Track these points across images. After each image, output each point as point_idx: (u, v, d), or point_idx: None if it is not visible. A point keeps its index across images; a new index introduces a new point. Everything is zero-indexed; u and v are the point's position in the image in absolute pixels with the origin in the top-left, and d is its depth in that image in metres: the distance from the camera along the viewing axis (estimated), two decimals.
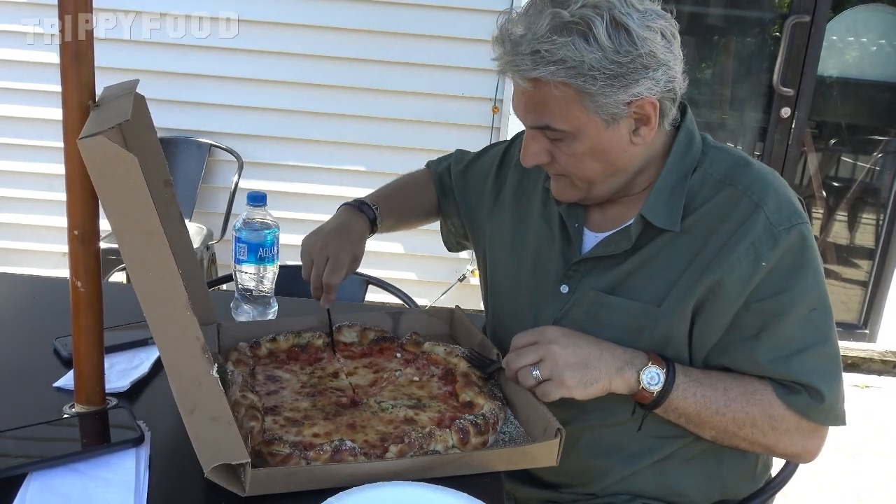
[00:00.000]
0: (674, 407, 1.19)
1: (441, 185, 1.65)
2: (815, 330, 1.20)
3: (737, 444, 1.24)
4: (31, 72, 3.55)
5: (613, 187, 1.26)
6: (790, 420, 1.20)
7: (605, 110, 1.13)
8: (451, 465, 1.07)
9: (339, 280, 1.39)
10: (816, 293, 1.20)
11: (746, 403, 1.20)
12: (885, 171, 4.17)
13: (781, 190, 1.22)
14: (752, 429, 1.20)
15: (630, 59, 1.09)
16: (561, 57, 1.08)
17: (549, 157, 1.23)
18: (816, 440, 1.24)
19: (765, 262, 1.17)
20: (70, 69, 1.04)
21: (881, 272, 4.09)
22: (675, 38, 1.16)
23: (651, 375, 1.17)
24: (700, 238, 1.20)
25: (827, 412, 1.21)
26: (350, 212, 1.52)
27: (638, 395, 1.19)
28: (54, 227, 3.64)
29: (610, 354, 1.19)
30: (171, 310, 0.95)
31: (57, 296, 1.48)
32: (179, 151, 3.67)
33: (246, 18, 3.53)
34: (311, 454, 1.03)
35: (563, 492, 1.35)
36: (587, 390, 1.16)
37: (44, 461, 1.02)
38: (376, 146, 3.74)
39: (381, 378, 1.31)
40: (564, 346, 1.17)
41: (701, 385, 1.20)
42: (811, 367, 1.19)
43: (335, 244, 1.41)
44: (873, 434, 3.47)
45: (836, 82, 4.04)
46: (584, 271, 1.29)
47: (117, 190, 0.94)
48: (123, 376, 1.29)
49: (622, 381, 1.18)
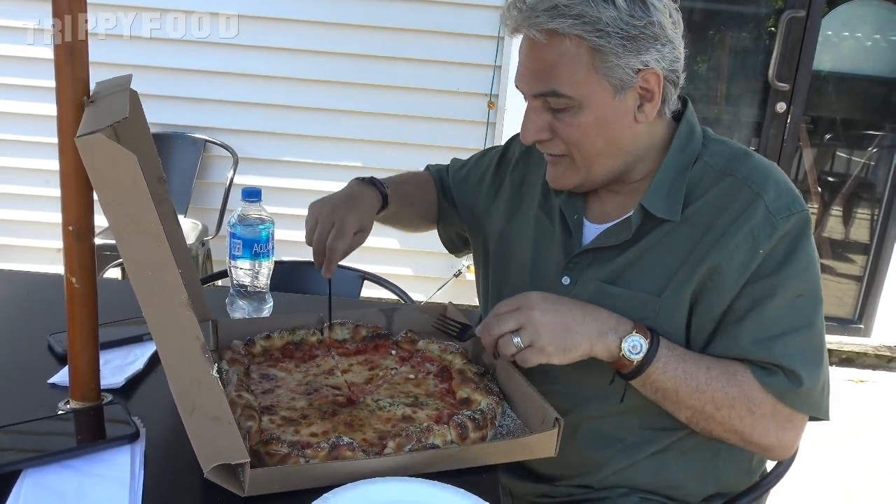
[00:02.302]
0: (653, 380, 1.18)
1: (441, 185, 1.65)
2: (799, 315, 1.19)
3: (711, 429, 1.21)
4: (24, 67, 3.54)
5: (613, 170, 1.26)
6: (766, 404, 1.18)
7: (614, 74, 1.15)
8: (450, 460, 1.07)
9: (344, 247, 1.32)
10: (807, 280, 1.19)
11: (727, 384, 1.18)
12: (880, 166, 4.18)
13: (781, 179, 1.22)
14: (730, 411, 1.18)
15: (643, 24, 1.13)
16: (579, 12, 1.12)
17: (550, 134, 1.23)
18: (791, 434, 1.21)
19: (762, 250, 1.17)
20: (64, 65, 1.03)
21: (876, 267, 4.10)
22: (681, 25, 1.20)
23: (633, 343, 1.16)
24: (700, 228, 1.21)
25: (804, 398, 1.19)
26: (362, 184, 1.48)
27: (618, 363, 1.18)
28: (49, 224, 3.63)
29: (593, 319, 1.17)
30: (170, 309, 0.94)
31: (52, 292, 1.47)
32: (174, 147, 3.66)
33: (243, 14, 3.52)
34: (308, 452, 1.02)
35: (558, 485, 1.36)
36: (567, 356, 1.16)
37: (38, 457, 1.02)
38: (372, 142, 3.74)
39: (376, 375, 1.31)
40: (545, 312, 1.16)
41: (683, 361, 1.19)
42: (791, 351, 1.17)
43: (343, 210, 1.35)
44: (868, 428, 3.49)
45: (832, 77, 4.05)
46: (586, 263, 1.30)
47: (116, 189, 0.93)
48: (118, 372, 1.29)
49: (603, 346, 1.16)
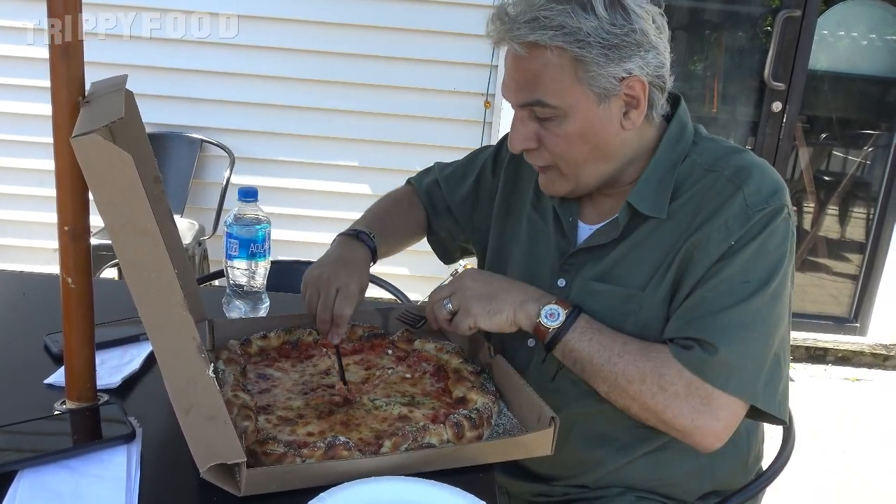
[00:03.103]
0: (570, 348, 1.20)
1: (430, 199, 1.62)
2: (733, 297, 1.14)
3: (628, 406, 1.18)
4: (19, 67, 3.53)
5: (602, 176, 1.25)
6: (680, 382, 1.13)
7: (597, 83, 1.15)
8: (446, 459, 1.07)
9: (351, 311, 1.31)
10: (758, 268, 1.16)
11: (639, 357, 1.16)
12: (876, 165, 4.19)
13: (767, 175, 1.21)
14: (641, 385, 1.15)
15: (624, 32, 1.13)
16: (559, 23, 1.12)
17: (538, 143, 1.23)
18: (709, 417, 1.13)
19: (734, 241, 1.16)
20: (59, 65, 1.03)
21: (872, 266, 4.11)
22: (665, 30, 1.19)
23: (551, 311, 1.21)
24: (683, 223, 1.21)
25: (721, 370, 1.13)
26: (349, 242, 1.45)
27: (537, 330, 1.22)
28: (45, 224, 3.62)
29: (518, 290, 1.26)
30: (166, 310, 0.94)
31: (47, 292, 1.47)
32: (171, 147, 3.65)
33: (241, 14, 3.52)
34: (305, 451, 1.02)
35: (555, 485, 1.36)
36: (492, 319, 1.23)
37: (34, 458, 1.02)
38: (368, 141, 3.74)
39: (373, 375, 1.31)
40: (475, 280, 1.28)
41: (600, 333, 1.20)
42: (711, 326, 1.14)
43: (344, 275, 1.33)
44: (863, 427, 3.49)
45: (827, 76, 4.05)
46: (579, 264, 1.30)
47: (112, 189, 0.93)
48: (114, 372, 1.29)
49: (524, 314, 1.22)
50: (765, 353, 1.16)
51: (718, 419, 1.14)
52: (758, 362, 1.15)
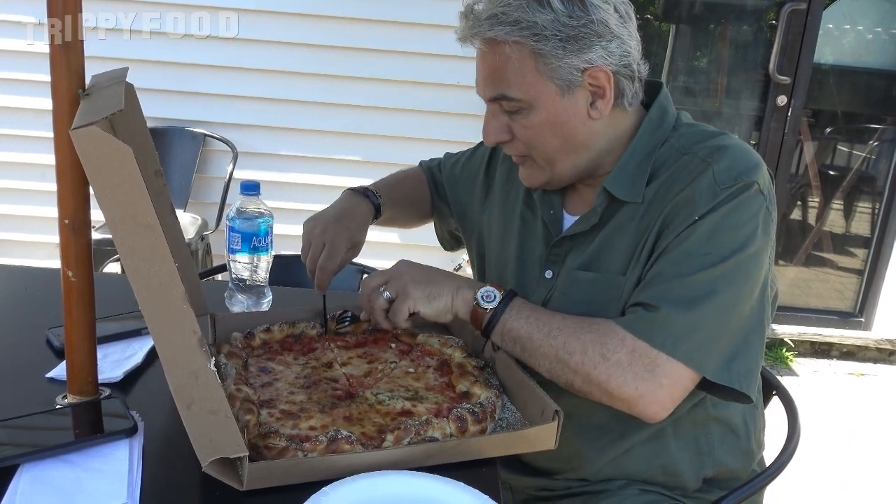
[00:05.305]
0: (508, 328, 1.20)
1: (433, 182, 1.67)
2: (689, 267, 1.13)
3: (571, 381, 1.16)
4: (19, 61, 3.52)
5: (577, 166, 1.26)
6: (623, 349, 1.12)
7: (558, 75, 1.16)
8: (449, 453, 1.07)
9: (335, 266, 1.39)
10: (721, 243, 1.13)
11: (580, 329, 1.15)
12: (881, 159, 4.17)
13: (741, 154, 1.19)
14: (583, 356, 1.13)
15: (582, 23, 1.14)
16: (515, 18, 1.14)
17: (510, 135, 1.24)
18: (652, 384, 1.11)
19: (697, 216, 1.15)
20: (59, 58, 1.03)
21: (877, 260, 4.10)
22: (631, 18, 1.20)
23: (487, 293, 1.22)
24: (658, 205, 1.21)
25: (663, 331, 1.11)
26: (353, 197, 1.52)
27: (474, 314, 1.23)
28: (46, 218, 3.62)
29: (454, 277, 1.29)
30: (167, 303, 0.94)
31: (49, 286, 1.47)
32: (173, 141, 3.65)
33: (242, 8, 3.51)
34: (307, 445, 1.02)
35: (557, 479, 1.36)
36: (431, 304, 1.24)
37: (36, 452, 1.02)
38: (371, 135, 3.73)
39: (375, 369, 1.31)
40: (411, 267, 1.29)
41: (537, 311, 1.21)
42: (658, 291, 1.14)
43: (334, 229, 1.41)
44: (869, 422, 3.49)
45: (833, 70, 4.04)
46: (564, 253, 1.31)
47: (111, 182, 0.92)
48: (116, 366, 1.29)
49: (461, 299, 1.24)
50: (721, 327, 1.13)
51: (661, 385, 1.12)
52: (712, 333, 1.13)
